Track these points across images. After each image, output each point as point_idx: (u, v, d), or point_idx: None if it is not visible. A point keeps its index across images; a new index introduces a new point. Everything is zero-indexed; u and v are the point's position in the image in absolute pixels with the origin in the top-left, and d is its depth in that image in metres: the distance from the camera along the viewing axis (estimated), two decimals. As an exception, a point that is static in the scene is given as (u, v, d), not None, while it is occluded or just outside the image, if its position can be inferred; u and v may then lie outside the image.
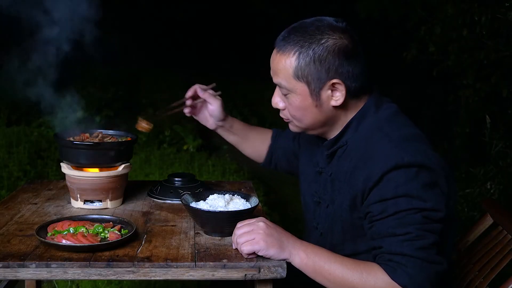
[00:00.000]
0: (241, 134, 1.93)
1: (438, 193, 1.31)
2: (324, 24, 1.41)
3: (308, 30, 1.40)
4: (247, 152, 1.98)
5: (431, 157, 1.33)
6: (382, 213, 1.30)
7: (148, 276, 1.30)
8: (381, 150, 1.33)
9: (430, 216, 1.27)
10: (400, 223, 1.27)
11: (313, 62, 1.38)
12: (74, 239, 1.36)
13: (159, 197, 1.87)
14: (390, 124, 1.41)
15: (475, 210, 3.96)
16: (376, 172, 1.30)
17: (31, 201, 1.81)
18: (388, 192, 1.29)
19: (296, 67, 1.40)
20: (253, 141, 1.95)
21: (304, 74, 1.40)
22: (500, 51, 3.95)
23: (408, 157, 1.29)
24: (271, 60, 1.47)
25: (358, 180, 1.35)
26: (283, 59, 1.42)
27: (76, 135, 1.84)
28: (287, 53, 1.41)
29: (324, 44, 1.38)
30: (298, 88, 1.42)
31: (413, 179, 1.28)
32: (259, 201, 1.59)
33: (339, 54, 1.38)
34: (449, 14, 4.28)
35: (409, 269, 1.24)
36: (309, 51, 1.38)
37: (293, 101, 1.45)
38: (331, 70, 1.39)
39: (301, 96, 1.43)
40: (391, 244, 1.27)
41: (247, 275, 1.31)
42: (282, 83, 1.44)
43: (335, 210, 1.47)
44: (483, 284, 1.55)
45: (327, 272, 1.31)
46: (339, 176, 1.45)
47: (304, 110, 1.45)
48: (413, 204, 1.27)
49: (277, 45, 1.45)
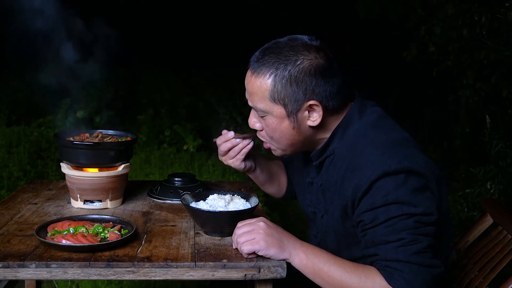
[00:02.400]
0: (267, 168, 1.82)
1: (428, 196, 1.30)
2: (298, 43, 1.39)
3: (282, 51, 1.38)
4: (274, 188, 1.87)
5: (419, 160, 1.32)
6: (373, 221, 1.29)
7: (148, 276, 1.30)
8: (368, 158, 1.32)
9: (422, 220, 1.27)
10: (393, 229, 1.27)
11: (290, 84, 1.37)
12: (74, 239, 1.36)
13: (159, 197, 1.87)
14: (375, 129, 1.40)
15: (475, 210, 3.96)
16: (364, 182, 1.30)
17: (31, 201, 1.81)
18: (378, 200, 1.28)
19: (272, 89, 1.38)
20: (277, 175, 1.86)
21: (281, 96, 1.38)
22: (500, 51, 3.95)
23: (395, 164, 1.28)
24: (246, 82, 1.45)
25: (347, 190, 1.35)
26: (258, 81, 1.40)
27: (76, 135, 1.84)
28: (262, 75, 1.39)
29: (299, 65, 1.36)
30: (275, 110, 1.40)
31: (402, 185, 1.27)
32: (259, 201, 1.59)
33: (315, 74, 1.37)
34: (449, 14, 4.28)
35: (406, 274, 1.24)
36: (284, 72, 1.36)
37: (269, 123, 1.43)
38: (308, 91, 1.37)
39: (278, 118, 1.41)
40: (385, 251, 1.27)
41: (247, 275, 1.31)
42: (257, 106, 1.43)
43: (328, 219, 1.47)
44: (483, 284, 1.55)
45: (326, 274, 1.31)
46: (329, 186, 1.45)
47: (281, 132, 1.43)
48: (404, 210, 1.26)
49: (251, 67, 1.42)
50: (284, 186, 1.88)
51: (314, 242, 1.57)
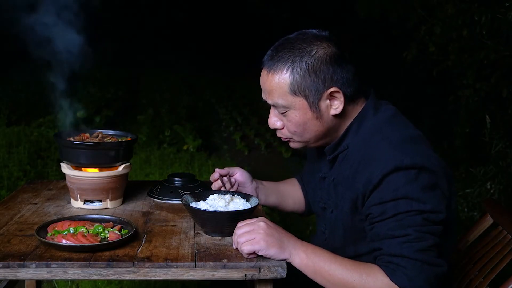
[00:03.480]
0: (276, 191, 1.84)
1: (438, 194, 1.30)
2: (309, 36, 1.41)
3: (295, 44, 1.40)
4: (290, 207, 1.87)
5: (431, 158, 1.33)
6: (381, 215, 1.30)
7: (148, 276, 1.30)
8: (381, 153, 1.33)
9: (429, 218, 1.27)
10: (400, 225, 1.27)
11: (308, 75, 1.38)
12: (74, 239, 1.36)
13: (159, 197, 1.87)
14: (389, 126, 1.41)
15: (475, 210, 3.96)
16: (376, 175, 1.30)
17: (31, 201, 1.81)
18: (388, 195, 1.29)
19: (292, 82, 1.39)
20: (289, 193, 1.87)
21: (301, 88, 1.39)
22: (500, 51, 3.95)
23: (407, 159, 1.29)
24: (262, 81, 1.46)
25: (359, 183, 1.35)
26: (276, 77, 1.41)
27: (76, 135, 1.84)
28: (279, 70, 1.40)
29: (315, 55, 1.38)
30: (297, 103, 1.41)
31: (413, 181, 1.28)
32: (259, 201, 1.59)
33: (331, 62, 1.38)
34: (449, 14, 4.29)
35: (408, 271, 1.24)
36: (302, 64, 1.38)
37: (292, 117, 1.44)
38: (327, 80, 1.39)
39: (300, 110, 1.42)
40: (390, 246, 1.27)
41: (247, 275, 1.31)
42: (278, 102, 1.43)
43: (337, 214, 1.48)
44: (483, 284, 1.55)
45: (327, 273, 1.31)
46: (341, 180, 1.46)
47: (305, 124, 1.44)
48: (413, 206, 1.27)
49: (266, 65, 1.43)
50: (302, 203, 1.87)
51: (321, 239, 1.58)
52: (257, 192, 1.78)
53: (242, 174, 1.76)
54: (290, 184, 1.89)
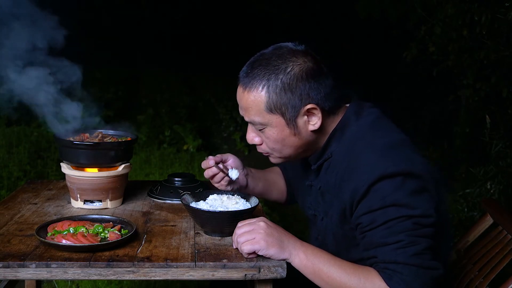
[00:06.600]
0: (263, 179, 1.84)
1: (427, 198, 1.30)
2: (284, 51, 1.39)
3: (270, 61, 1.38)
4: (274, 196, 1.88)
5: (416, 163, 1.32)
6: (372, 223, 1.29)
7: (148, 276, 1.30)
8: (365, 161, 1.32)
9: (420, 222, 1.27)
10: (391, 231, 1.27)
11: (284, 92, 1.36)
12: (74, 239, 1.36)
13: (159, 197, 1.87)
14: (372, 131, 1.40)
15: (475, 210, 3.96)
16: (361, 185, 1.29)
17: (31, 201, 1.81)
18: (376, 203, 1.28)
19: (268, 100, 1.37)
20: (275, 182, 1.87)
21: (277, 105, 1.37)
22: (500, 51, 3.95)
23: (391, 167, 1.28)
24: (238, 98, 1.44)
25: (345, 194, 1.35)
26: (251, 95, 1.39)
27: (76, 135, 1.84)
28: (255, 88, 1.38)
29: (290, 72, 1.36)
30: (273, 120, 1.40)
31: (400, 187, 1.27)
32: (259, 201, 1.59)
33: (308, 78, 1.36)
34: (449, 14, 4.28)
35: (405, 276, 1.24)
36: (277, 82, 1.36)
37: (270, 134, 1.43)
38: (303, 96, 1.37)
39: (277, 128, 1.41)
40: (384, 254, 1.27)
41: (247, 275, 1.31)
42: (255, 120, 1.42)
43: (327, 222, 1.48)
44: (483, 284, 1.55)
45: (326, 274, 1.31)
46: (328, 189, 1.45)
47: (283, 141, 1.43)
48: (402, 212, 1.26)
49: (242, 82, 1.41)
50: (284, 192, 1.87)
51: (315, 245, 1.57)
52: (247, 179, 1.77)
53: (235, 161, 1.75)
54: (275, 173, 1.89)
